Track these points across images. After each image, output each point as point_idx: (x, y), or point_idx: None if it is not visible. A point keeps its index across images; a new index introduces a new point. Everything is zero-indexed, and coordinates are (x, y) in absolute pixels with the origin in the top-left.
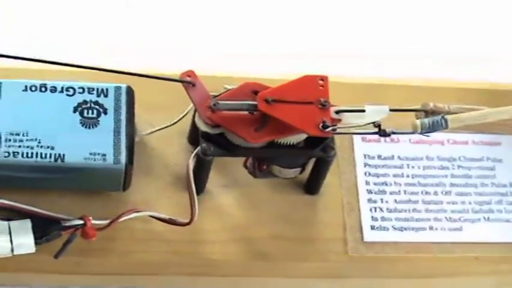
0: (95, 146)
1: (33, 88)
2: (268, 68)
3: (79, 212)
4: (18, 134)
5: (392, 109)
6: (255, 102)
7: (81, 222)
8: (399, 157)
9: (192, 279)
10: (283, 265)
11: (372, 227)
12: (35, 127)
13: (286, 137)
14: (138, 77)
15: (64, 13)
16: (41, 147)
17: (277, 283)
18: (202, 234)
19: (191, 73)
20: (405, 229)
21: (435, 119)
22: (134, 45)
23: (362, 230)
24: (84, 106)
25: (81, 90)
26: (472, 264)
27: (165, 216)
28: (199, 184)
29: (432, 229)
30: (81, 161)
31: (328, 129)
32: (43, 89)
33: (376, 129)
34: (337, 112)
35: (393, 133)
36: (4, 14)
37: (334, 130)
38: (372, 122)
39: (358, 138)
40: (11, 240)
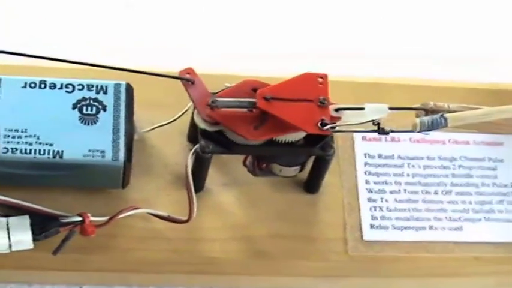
0: (94, 143)
1: (32, 85)
2: (268, 68)
3: (78, 210)
4: (17, 131)
5: (391, 107)
6: (254, 99)
7: (79, 219)
8: (400, 156)
9: (192, 277)
10: (282, 264)
11: (372, 226)
12: (34, 124)
13: (285, 135)
14: (138, 75)
15: (64, 13)
16: (40, 143)
17: (276, 282)
18: (201, 232)
19: (190, 71)
20: (405, 228)
21: (435, 118)
22: (134, 44)
23: (362, 229)
24: (83, 103)
25: (80, 87)
26: (472, 264)
27: (164, 213)
28: (198, 182)
29: (432, 229)
30: (79, 158)
31: (326, 127)
32: (42, 86)
33: (375, 127)
34: (336, 110)
35: (392, 131)
36: (4, 14)
37: (333, 128)
38: (371, 120)
39: (358, 137)
40: (9, 236)
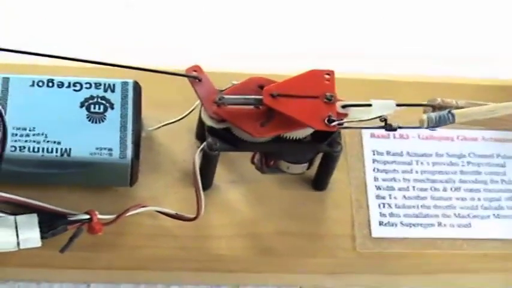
0: (101, 141)
1: (40, 83)
2: (275, 65)
3: (86, 208)
4: (25, 129)
5: (399, 104)
6: (261, 96)
7: (87, 216)
8: (408, 153)
9: (199, 274)
10: (290, 261)
11: (380, 223)
12: (42, 122)
13: (292, 132)
14: (146, 74)
15: (64, 12)
16: (48, 142)
17: (284, 279)
18: (209, 229)
19: (197, 68)
20: (413, 225)
21: (442, 114)
22: (141, 43)
23: (370, 226)
24: (91, 101)
25: (88, 85)
26: (481, 260)
27: (172, 211)
28: (206, 179)
29: (441, 225)
30: (87, 156)
31: (333, 123)
32: (50, 84)
33: (382, 123)
34: (343, 107)
35: (399, 127)
36: (4, 14)
37: (340, 125)
38: (379, 117)
39: (367, 134)
40: (17, 234)
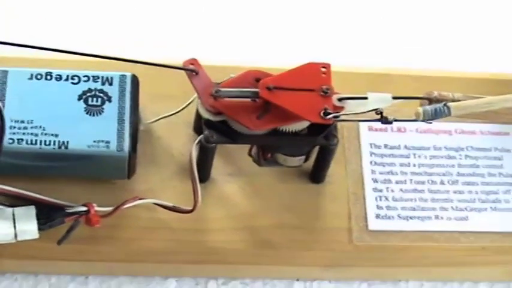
0: (99, 134)
1: (38, 76)
2: (273, 59)
3: (84, 200)
4: (23, 122)
5: (395, 97)
6: (257, 89)
7: (84, 209)
8: (406, 146)
9: (197, 267)
10: (287, 254)
11: (377, 216)
12: (40, 115)
13: (288, 125)
14: (144, 67)
15: (63, 6)
16: (46, 134)
17: (281, 272)
18: (207, 222)
19: (194, 61)
20: (411, 218)
21: (438, 107)
22: (137, 38)
23: (367, 219)
24: (88, 94)
25: (86, 78)
26: (479, 254)
27: (169, 203)
28: (203, 172)
29: (438, 218)
30: (84, 148)
31: (329, 116)
32: (48, 77)
33: (378, 116)
34: (339, 100)
35: (395, 120)
36: (4, 14)
37: (336, 117)
38: (374, 109)
39: (364, 127)
40: (15, 226)
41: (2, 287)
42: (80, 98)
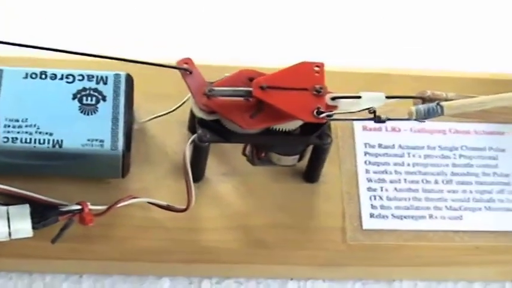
0: (93, 133)
1: (33, 75)
2: (268, 58)
3: (78, 199)
4: (17, 120)
5: (388, 96)
6: (251, 88)
7: (78, 207)
8: (400, 146)
9: (190, 266)
10: (281, 253)
11: (371, 215)
12: (35, 113)
13: (281, 124)
14: (139, 67)
15: (61, 13)
16: (40, 133)
17: (275, 271)
18: (201, 221)
19: (188, 61)
20: (405, 217)
21: (431, 106)
22: (134, 36)
23: (361, 218)
24: (83, 93)
25: (80, 77)
26: (472, 253)
27: (163, 202)
28: (197, 171)
29: (432, 217)
30: (78, 147)
31: (322, 115)
32: (43, 77)
33: (371, 115)
34: (333, 99)
35: (388, 119)
36: (4, 14)
37: (329, 116)
38: (368, 108)
39: (359, 127)
40: (9, 224)
41: None
42: (75, 97)
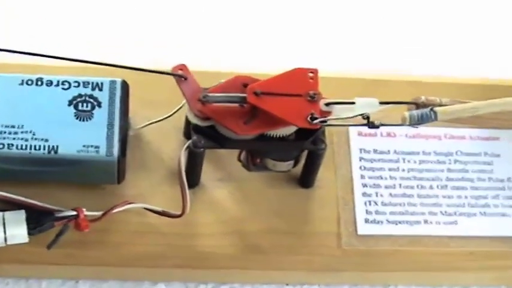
0: (89, 139)
1: (29, 82)
2: (262, 65)
3: (74, 205)
4: (13, 127)
5: (382, 102)
6: (245, 94)
7: (74, 213)
8: (395, 151)
9: (186, 271)
10: (276, 258)
11: (366, 221)
12: (30, 120)
13: (276, 130)
14: (134, 73)
15: (63, 12)
16: (36, 139)
17: (270, 276)
18: (196, 227)
19: (183, 67)
20: (400, 223)
21: (424, 111)
22: (131, 43)
23: (356, 224)
24: (79, 99)
25: (76, 84)
26: (467, 258)
27: (158, 208)
28: (192, 177)
29: (427, 223)
30: (74, 153)
31: (316, 121)
32: (39, 83)
33: (365, 121)
34: (327, 105)
35: (382, 125)
36: (4, 14)
37: (323, 122)
38: (361, 114)
39: (354, 132)
40: (5, 230)
41: None
42: (70, 104)
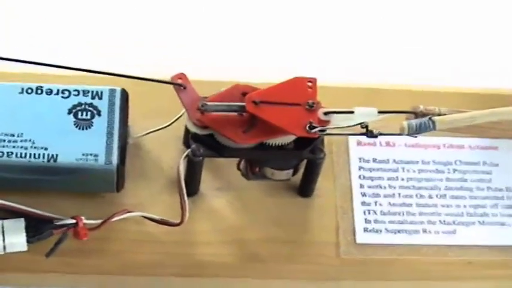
0: (88, 147)
1: (29, 90)
2: (260, 74)
3: (73, 213)
4: (13, 135)
5: (381, 111)
6: (244, 103)
7: (73, 221)
8: (394, 161)
9: (185, 280)
10: (275, 267)
11: (365, 230)
12: (30, 128)
13: (275, 139)
14: (134, 82)
15: (63, 12)
16: (35, 148)
17: (269, 285)
18: (195, 236)
19: (182, 76)
20: (398, 232)
21: (423, 121)
22: (127, 53)
23: (355, 233)
24: (78, 108)
25: (76, 92)
26: (466, 268)
27: (157, 216)
28: (192, 186)
29: (426, 232)
30: (73, 162)
31: (314, 130)
32: (39, 92)
33: (364, 130)
34: (325, 114)
35: (380, 134)
36: (4, 14)
37: (321, 131)
38: (360, 123)
39: (353, 142)
40: (4, 238)
41: None
42: (70, 112)
